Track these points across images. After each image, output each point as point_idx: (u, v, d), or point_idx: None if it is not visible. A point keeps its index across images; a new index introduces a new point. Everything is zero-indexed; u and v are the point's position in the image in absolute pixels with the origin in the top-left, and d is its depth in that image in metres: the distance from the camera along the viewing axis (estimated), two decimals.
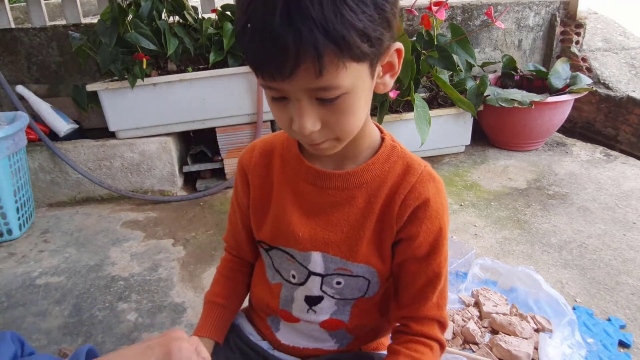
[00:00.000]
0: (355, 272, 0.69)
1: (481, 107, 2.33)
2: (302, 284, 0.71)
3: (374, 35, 0.48)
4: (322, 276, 0.70)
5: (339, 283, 0.70)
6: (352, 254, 0.67)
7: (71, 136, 2.29)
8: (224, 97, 2.14)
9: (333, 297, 0.72)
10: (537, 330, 1.19)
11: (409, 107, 2.21)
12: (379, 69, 0.56)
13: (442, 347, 0.69)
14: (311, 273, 0.70)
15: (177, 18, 2.22)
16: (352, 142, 0.61)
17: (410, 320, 0.69)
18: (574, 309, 1.29)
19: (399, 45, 0.56)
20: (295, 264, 0.71)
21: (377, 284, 0.71)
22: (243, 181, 0.75)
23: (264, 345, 0.80)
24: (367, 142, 0.66)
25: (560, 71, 2.45)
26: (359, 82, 0.52)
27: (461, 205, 1.97)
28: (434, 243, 0.65)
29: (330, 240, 0.67)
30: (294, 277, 0.72)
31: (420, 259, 0.66)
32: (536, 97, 2.28)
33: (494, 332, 1.20)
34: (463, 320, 1.23)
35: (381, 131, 0.69)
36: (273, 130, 2.29)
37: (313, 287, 0.71)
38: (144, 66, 2.01)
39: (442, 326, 0.69)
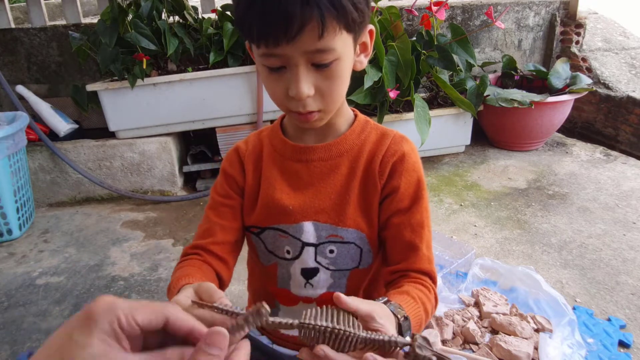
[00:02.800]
0: (345, 237, 0.72)
1: (481, 107, 2.33)
2: (297, 257, 0.74)
3: (360, 7, 0.58)
4: (315, 246, 0.73)
5: (331, 251, 0.73)
6: (341, 219, 0.71)
7: (71, 136, 2.29)
8: (224, 97, 2.14)
9: (328, 269, 0.74)
10: (537, 330, 1.19)
11: (409, 107, 2.21)
12: (357, 47, 0.65)
13: (436, 299, 0.70)
14: (304, 244, 0.73)
15: (177, 18, 2.22)
16: (332, 117, 0.69)
17: (404, 273, 0.70)
18: (574, 309, 1.29)
19: (371, 26, 0.66)
20: (288, 239, 0.73)
21: (369, 253, 0.74)
22: (239, 165, 0.77)
23: (263, 340, 0.81)
24: (344, 117, 0.75)
25: (560, 71, 2.45)
26: (346, 51, 0.61)
27: (461, 205, 1.97)
28: (414, 194, 0.71)
29: (320, 208, 0.72)
30: (288, 252, 0.74)
31: (404, 211, 0.71)
32: (536, 97, 2.28)
33: (494, 332, 1.20)
34: (463, 320, 1.23)
35: (354, 110, 0.77)
36: None
37: (308, 258, 0.73)
38: (144, 66, 2.01)
39: (434, 282, 0.71)
